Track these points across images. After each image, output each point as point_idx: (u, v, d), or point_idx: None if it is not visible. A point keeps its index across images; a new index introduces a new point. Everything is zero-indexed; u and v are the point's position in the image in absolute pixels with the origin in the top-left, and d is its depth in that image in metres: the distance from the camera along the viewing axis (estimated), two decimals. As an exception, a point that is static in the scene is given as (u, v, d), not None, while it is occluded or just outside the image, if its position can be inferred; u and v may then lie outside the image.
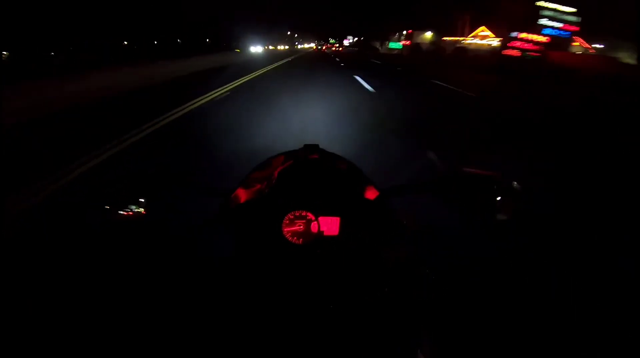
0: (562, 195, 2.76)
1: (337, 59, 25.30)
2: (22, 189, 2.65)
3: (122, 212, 0.63)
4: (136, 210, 0.64)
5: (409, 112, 6.19)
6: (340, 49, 68.09)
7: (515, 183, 0.62)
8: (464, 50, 29.77)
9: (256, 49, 36.14)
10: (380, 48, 45.24)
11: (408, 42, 39.59)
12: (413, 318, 0.55)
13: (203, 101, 6.77)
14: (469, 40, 31.53)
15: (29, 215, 2.23)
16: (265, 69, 14.83)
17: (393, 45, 42.27)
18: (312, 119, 5.06)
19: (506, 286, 1.48)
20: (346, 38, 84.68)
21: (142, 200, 0.64)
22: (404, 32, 40.83)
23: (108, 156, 3.55)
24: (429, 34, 35.67)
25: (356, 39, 76.93)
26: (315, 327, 0.52)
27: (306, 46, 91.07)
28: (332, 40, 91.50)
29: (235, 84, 9.45)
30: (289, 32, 69.34)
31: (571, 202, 2.63)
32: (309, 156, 0.73)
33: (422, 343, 0.53)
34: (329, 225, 0.65)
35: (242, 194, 0.70)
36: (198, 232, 0.85)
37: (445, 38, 34.07)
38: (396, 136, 4.35)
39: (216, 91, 8.01)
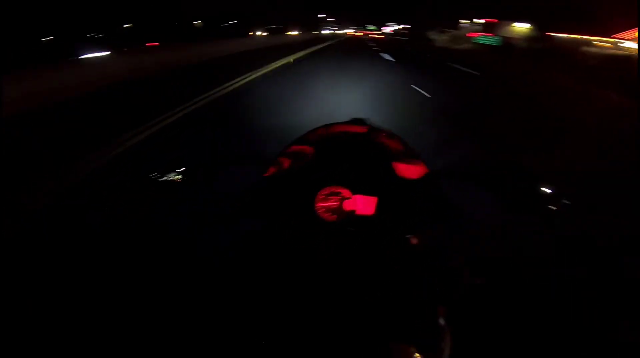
0: None
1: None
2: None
3: (164, 178, 0.68)
4: (174, 178, 0.69)
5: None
6: (383, 36, 59.72)
7: (567, 201, 0.64)
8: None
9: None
10: (437, 38, 32.82)
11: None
12: (437, 309, 0.54)
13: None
14: (628, 41, 15.03)
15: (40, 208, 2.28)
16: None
17: (485, 40, 23.80)
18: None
19: (540, 292, 1.46)
20: (386, 25, 75.59)
21: (180, 170, 0.70)
22: (475, 21, 28.24)
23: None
24: (523, 26, 21.21)
25: (402, 26, 67.93)
26: (339, 306, 0.52)
27: (342, 31, 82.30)
28: (370, 27, 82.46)
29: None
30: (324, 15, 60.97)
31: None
32: (355, 130, 0.73)
33: (444, 334, 0.52)
34: (365, 204, 0.64)
35: (281, 167, 0.70)
36: (236, 206, 0.70)
37: (554, 34, 19.04)
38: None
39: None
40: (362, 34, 71.06)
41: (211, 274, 0.87)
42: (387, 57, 15.45)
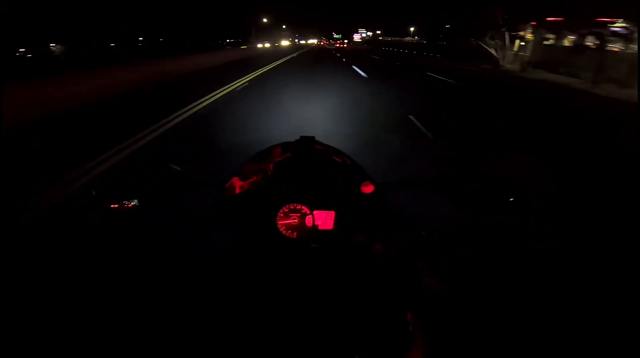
0: None
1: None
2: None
3: (116, 206, 0.66)
4: (132, 204, 0.67)
5: None
6: (345, 45, 59.07)
7: (526, 188, 0.64)
8: None
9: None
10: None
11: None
12: (405, 312, 0.55)
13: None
14: None
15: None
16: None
17: None
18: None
19: (505, 287, 1.46)
20: (357, 32, 72.29)
21: (138, 195, 0.68)
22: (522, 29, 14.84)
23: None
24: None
25: (370, 33, 64.98)
26: (309, 321, 0.52)
27: (309, 41, 79.59)
28: (336, 36, 79.65)
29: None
30: (284, 27, 56.56)
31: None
32: (307, 149, 0.75)
33: (415, 337, 0.53)
34: (324, 219, 0.66)
35: (237, 186, 0.71)
36: (193, 226, 0.73)
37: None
38: None
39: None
40: (322, 43, 70.34)
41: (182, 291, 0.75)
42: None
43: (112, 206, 0.67)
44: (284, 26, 56.47)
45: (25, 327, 1.09)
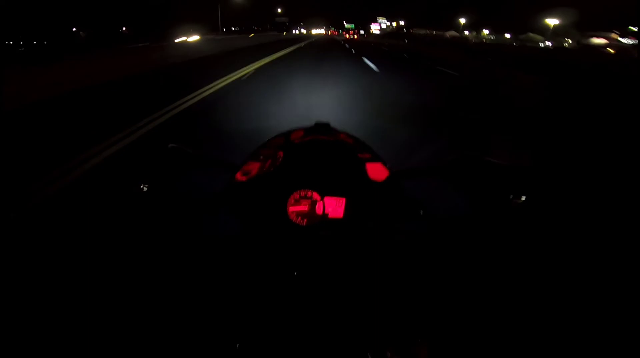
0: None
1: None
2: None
3: (127, 191, 0.68)
4: (142, 187, 0.66)
5: None
6: (355, 37, 49.43)
7: (539, 173, 0.70)
8: None
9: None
10: None
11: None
12: (415, 302, 0.56)
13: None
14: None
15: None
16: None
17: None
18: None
19: (513, 280, 1.45)
20: (375, 21, 58.55)
21: (147, 178, 0.68)
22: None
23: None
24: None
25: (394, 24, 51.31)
26: (316, 310, 0.52)
27: (313, 31, 66.24)
28: (348, 26, 66.21)
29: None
30: (279, 10, 42.87)
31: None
32: (320, 135, 0.75)
33: (422, 326, 0.54)
34: (335, 206, 0.65)
35: (250, 171, 0.71)
36: (203, 209, 0.71)
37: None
38: None
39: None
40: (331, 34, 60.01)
41: (189, 276, 0.79)
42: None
43: (122, 191, 0.67)
44: (279, 10, 43.37)
45: (24, 323, 1.12)
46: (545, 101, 6.38)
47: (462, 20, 38.83)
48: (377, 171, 0.69)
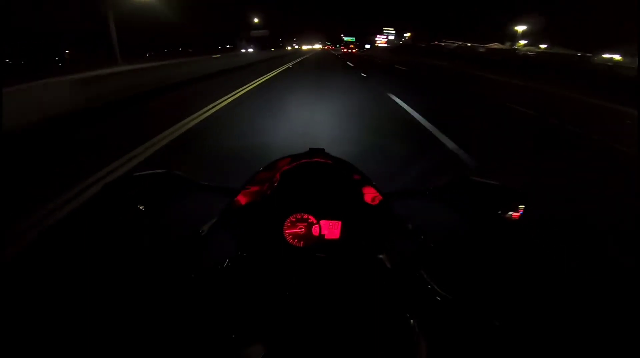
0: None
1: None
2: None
3: (125, 211, 0.67)
4: (139, 209, 0.66)
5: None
6: (354, 51, 45.74)
7: (524, 192, 0.66)
8: None
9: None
10: None
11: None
12: (411, 321, 0.57)
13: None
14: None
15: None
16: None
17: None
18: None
19: (509, 293, 1.53)
20: (381, 33, 50.00)
21: (145, 199, 0.68)
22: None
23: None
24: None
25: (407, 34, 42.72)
26: (315, 330, 0.53)
27: (303, 47, 58.38)
28: (347, 39, 58.23)
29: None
30: (255, 20, 33.83)
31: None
32: (314, 160, 0.77)
33: (420, 347, 0.55)
34: (330, 229, 0.67)
35: (247, 196, 0.73)
36: (202, 233, 0.73)
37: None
38: None
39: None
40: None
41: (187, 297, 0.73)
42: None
43: (120, 210, 0.68)
44: (255, 19, 34.14)
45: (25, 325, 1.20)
46: None
47: (520, 28, 29.13)
48: (370, 195, 0.72)
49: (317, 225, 0.65)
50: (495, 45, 28.02)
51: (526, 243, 1.83)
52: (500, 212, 0.64)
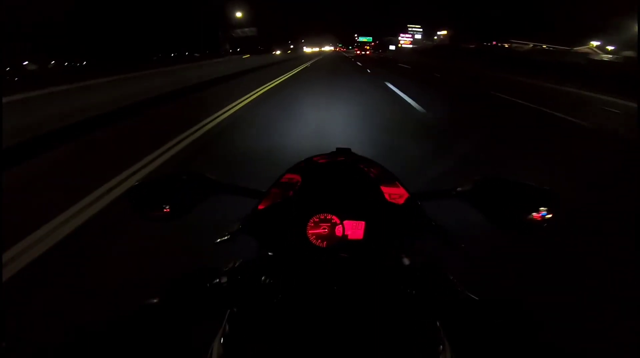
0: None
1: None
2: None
3: (151, 211, 0.68)
4: (166, 209, 0.68)
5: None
6: (368, 52, 41.99)
7: (554, 192, 0.66)
8: None
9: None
10: None
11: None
12: (435, 324, 0.58)
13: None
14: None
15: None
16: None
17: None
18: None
19: (532, 297, 1.52)
20: (405, 32, 41.75)
21: (173, 200, 0.69)
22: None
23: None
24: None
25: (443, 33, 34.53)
26: (336, 331, 0.53)
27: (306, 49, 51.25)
28: (363, 39, 50.49)
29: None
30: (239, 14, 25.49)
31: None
32: (338, 160, 0.77)
33: (444, 351, 0.55)
34: (354, 229, 0.66)
35: (272, 196, 0.73)
36: (227, 236, 0.71)
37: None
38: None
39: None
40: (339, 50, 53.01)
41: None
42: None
43: (147, 211, 0.68)
44: (237, 14, 26.17)
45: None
46: None
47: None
48: (396, 194, 0.72)
49: (340, 225, 0.66)
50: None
51: (552, 243, 1.90)
52: (528, 214, 0.62)
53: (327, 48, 54.60)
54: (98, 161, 3.53)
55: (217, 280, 0.58)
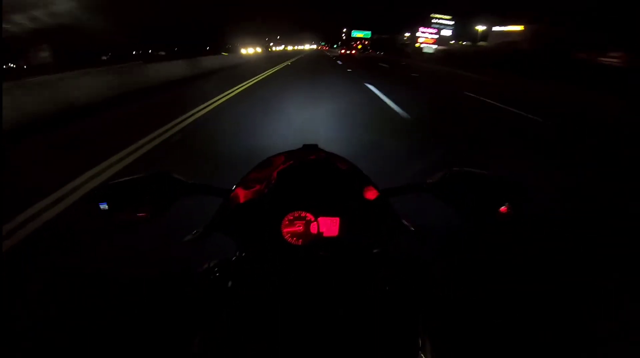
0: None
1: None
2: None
3: (124, 214, 0.66)
4: (139, 214, 0.66)
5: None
6: (353, 52, 39.34)
7: (522, 184, 0.65)
8: None
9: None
10: None
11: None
12: (414, 317, 0.57)
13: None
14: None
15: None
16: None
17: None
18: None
19: (506, 286, 1.53)
20: (427, 25, 31.94)
21: (145, 201, 0.67)
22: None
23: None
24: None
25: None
26: (316, 328, 0.53)
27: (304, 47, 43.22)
28: (359, 34, 42.39)
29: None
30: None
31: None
32: (309, 157, 0.76)
33: (424, 343, 0.54)
34: (329, 226, 0.66)
35: (242, 195, 0.72)
36: (197, 235, 0.73)
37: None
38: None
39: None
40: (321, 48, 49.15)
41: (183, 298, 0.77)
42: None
43: (120, 215, 0.66)
44: None
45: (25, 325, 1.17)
46: None
47: None
48: (367, 190, 0.72)
49: (315, 223, 0.65)
50: None
51: (522, 235, 1.90)
52: (496, 206, 0.63)
53: (310, 47, 46.35)
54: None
55: (194, 283, 0.58)
